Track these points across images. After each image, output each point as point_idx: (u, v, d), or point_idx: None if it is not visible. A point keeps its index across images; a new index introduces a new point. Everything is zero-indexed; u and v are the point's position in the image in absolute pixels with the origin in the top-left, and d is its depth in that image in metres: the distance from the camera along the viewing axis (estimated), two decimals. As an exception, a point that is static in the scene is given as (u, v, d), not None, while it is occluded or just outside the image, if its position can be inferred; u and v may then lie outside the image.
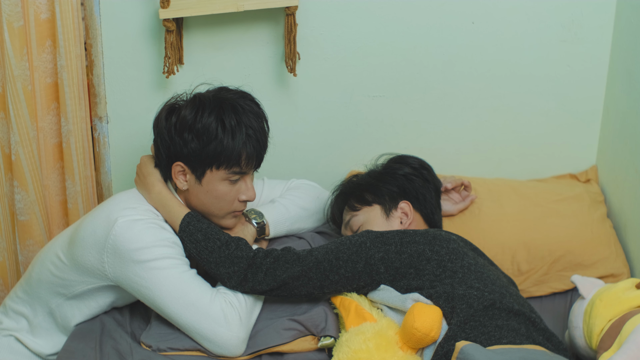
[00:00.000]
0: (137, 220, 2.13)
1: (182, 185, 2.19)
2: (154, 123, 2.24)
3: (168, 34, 2.58)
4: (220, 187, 2.17)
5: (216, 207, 2.20)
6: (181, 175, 2.19)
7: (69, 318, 2.28)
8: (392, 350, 2.02)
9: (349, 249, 2.16)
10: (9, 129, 2.55)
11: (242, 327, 2.11)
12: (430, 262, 2.13)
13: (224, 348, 2.10)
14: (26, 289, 2.33)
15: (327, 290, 2.17)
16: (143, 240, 2.10)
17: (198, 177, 2.17)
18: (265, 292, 2.15)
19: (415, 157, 2.49)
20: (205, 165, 2.14)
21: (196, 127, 2.12)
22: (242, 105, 2.17)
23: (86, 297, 2.24)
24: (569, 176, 2.83)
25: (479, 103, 2.79)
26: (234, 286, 2.14)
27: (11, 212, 2.67)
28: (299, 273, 2.13)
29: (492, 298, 2.05)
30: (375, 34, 2.71)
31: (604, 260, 2.53)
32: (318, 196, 2.52)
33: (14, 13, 2.45)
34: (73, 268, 2.20)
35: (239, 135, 2.13)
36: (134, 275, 2.11)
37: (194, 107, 2.15)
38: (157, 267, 2.10)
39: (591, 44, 2.72)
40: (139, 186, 2.27)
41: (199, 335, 2.11)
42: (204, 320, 2.09)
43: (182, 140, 2.14)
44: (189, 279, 2.12)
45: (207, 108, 2.14)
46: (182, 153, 2.15)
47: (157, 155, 2.23)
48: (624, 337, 1.92)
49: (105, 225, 2.13)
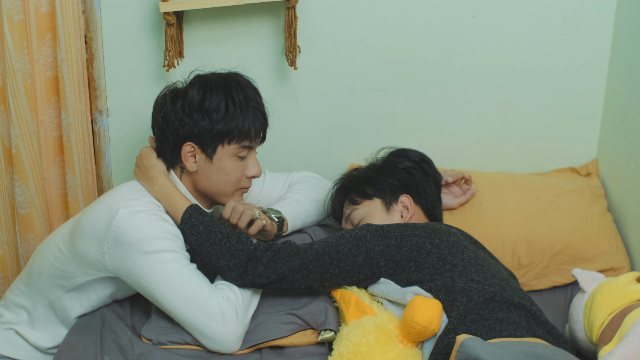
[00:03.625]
0: (138, 211, 2.13)
1: (191, 167, 2.22)
2: (155, 110, 2.26)
3: (168, 27, 2.58)
4: (229, 164, 2.21)
5: (227, 184, 2.24)
6: (191, 156, 2.22)
7: (68, 310, 2.28)
8: (393, 344, 2.02)
9: (349, 242, 2.16)
10: (9, 123, 2.55)
11: (239, 323, 2.11)
12: (431, 256, 2.13)
13: (220, 344, 2.11)
14: (27, 281, 2.33)
15: (327, 284, 2.18)
16: (144, 232, 2.10)
17: (209, 155, 2.20)
18: (265, 285, 2.15)
19: (415, 151, 2.49)
20: (216, 141, 2.19)
21: (206, 105, 2.17)
22: (243, 82, 2.25)
23: (86, 289, 2.24)
24: (570, 170, 2.83)
25: (479, 97, 2.79)
26: (234, 279, 2.14)
27: (11, 206, 2.67)
28: (299, 266, 2.13)
29: (492, 291, 2.05)
30: (376, 28, 2.70)
31: (604, 253, 2.53)
32: (323, 186, 2.54)
33: (14, 6, 2.44)
34: (73, 259, 2.20)
35: (247, 110, 2.20)
36: (134, 267, 2.11)
37: (200, 87, 2.20)
38: (158, 260, 2.10)
39: (592, 37, 2.72)
40: (140, 178, 2.27)
41: (196, 330, 2.11)
42: (201, 316, 2.09)
43: (192, 120, 2.18)
44: (188, 274, 2.12)
45: (214, 86, 2.20)
46: (192, 133, 2.19)
47: (162, 142, 2.24)
48: (624, 331, 1.92)
49: (107, 217, 2.13)
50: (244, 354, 2.16)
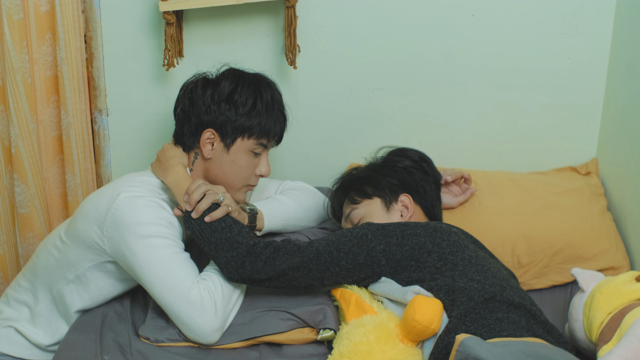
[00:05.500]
0: (138, 196, 2.18)
1: (208, 153, 2.27)
2: (183, 93, 2.32)
3: (168, 26, 2.58)
4: (244, 157, 2.28)
5: (237, 177, 2.29)
6: (209, 143, 2.27)
7: (69, 304, 2.30)
8: (393, 343, 2.02)
9: (350, 241, 2.16)
10: (8, 122, 2.55)
11: (217, 316, 2.13)
12: (432, 255, 2.13)
13: (196, 334, 2.13)
14: (29, 277, 2.36)
15: (327, 282, 2.18)
16: (141, 216, 2.15)
17: (227, 145, 2.26)
18: (263, 282, 2.15)
19: (414, 150, 2.49)
20: (237, 133, 2.25)
21: (235, 97, 2.25)
22: (272, 84, 2.34)
23: (86, 279, 2.27)
24: (569, 169, 2.83)
25: (479, 96, 2.79)
26: (231, 272, 2.14)
27: (11, 205, 2.68)
28: (299, 264, 2.13)
29: (492, 291, 2.05)
30: (376, 27, 2.70)
31: (604, 253, 2.53)
32: (313, 196, 2.55)
33: (13, 6, 2.44)
34: (74, 245, 2.24)
35: (272, 110, 2.29)
36: (127, 250, 2.15)
37: (233, 79, 2.28)
38: (149, 245, 2.14)
39: (592, 36, 2.72)
40: (157, 169, 2.31)
41: (176, 317, 2.14)
42: (182, 303, 2.12)
43: (219, 109, 2.25)
44: (177, 261, 2.15)
45: (245, 81, 2.28)
46: (216, 121, 2.25)
47: (183, 125, 2.30)
48: (623, 330, 1.92)
49: (109, 199, 2.18)
50: (241, 349, 2.17)
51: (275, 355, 2.16)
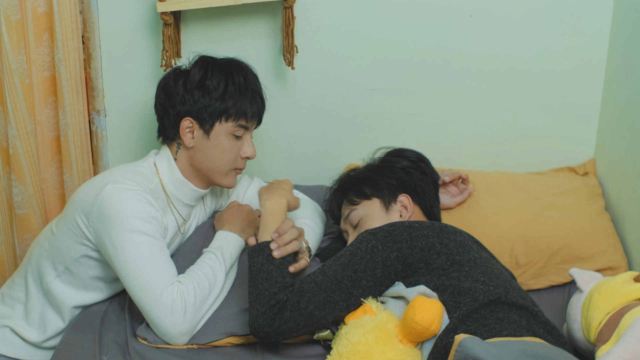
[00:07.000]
0: (125, 189, 2.19)
1: (189, 142, 2.30)
2: (158, 88, 2.36)
3: (166, 27, 2.58)
4: (225, 141, 2.30)
5: (222, 161, 2.31)
6: (189, 131, 2.29)
7: (61, 298, 2.32)
8: (392, 344, 2.02)
9: (363, 258, 2.10)
10: (6, 123, 2.55)
11: (186, 320, 2.14)
12: (440, 256, 2.10)
13: (164, 334, 2.15)
14: (22, 273, 2.38)
15: (353, 308, 2.12)
16: (125, 209, 2.16)
17: (206, 131, 2.29)
18: (294, 330, 2.08)
19: (412, 150, 2.49)
20: (214, 117, 2.28)
21: (206, 83, 2.28)
22: (244, 66, 2.36)
23: (76, 269, 2.28)
24: (567, 169, 2.84)
25: (477, 96, 2.79)
26: (263, 326, 2.05)
27: (9, 206, 2.67)
28: (324, 299, 2.07)
29: (497, 292, 2.03)
30: (374, 27, 2.70)
31: (602, 253, 2.53)
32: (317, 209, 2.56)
33: (11, 6, 2.44)
34: (63, 235, 2.26)
35: (246, 92, 2.30)
36: (108, 242, 2.16)
37: (202, 66, 2.31)
38: (130, 240, 2.15)
39: (590, 37, 2.72)
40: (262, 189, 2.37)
41: (146, 315, 2.16)
42: (153, 303, 2.13)
43: (193, 97, 2.28)
44: (155, 260, 2.16)
45: (215, 67, 2.31)
46: (192, 109, 2.28)
47: (162, 118, 2.33)
48: (622, 330, 1.92)
49: (97, 189, 2.20)
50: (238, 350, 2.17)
51: (273, 355, 2.16)
